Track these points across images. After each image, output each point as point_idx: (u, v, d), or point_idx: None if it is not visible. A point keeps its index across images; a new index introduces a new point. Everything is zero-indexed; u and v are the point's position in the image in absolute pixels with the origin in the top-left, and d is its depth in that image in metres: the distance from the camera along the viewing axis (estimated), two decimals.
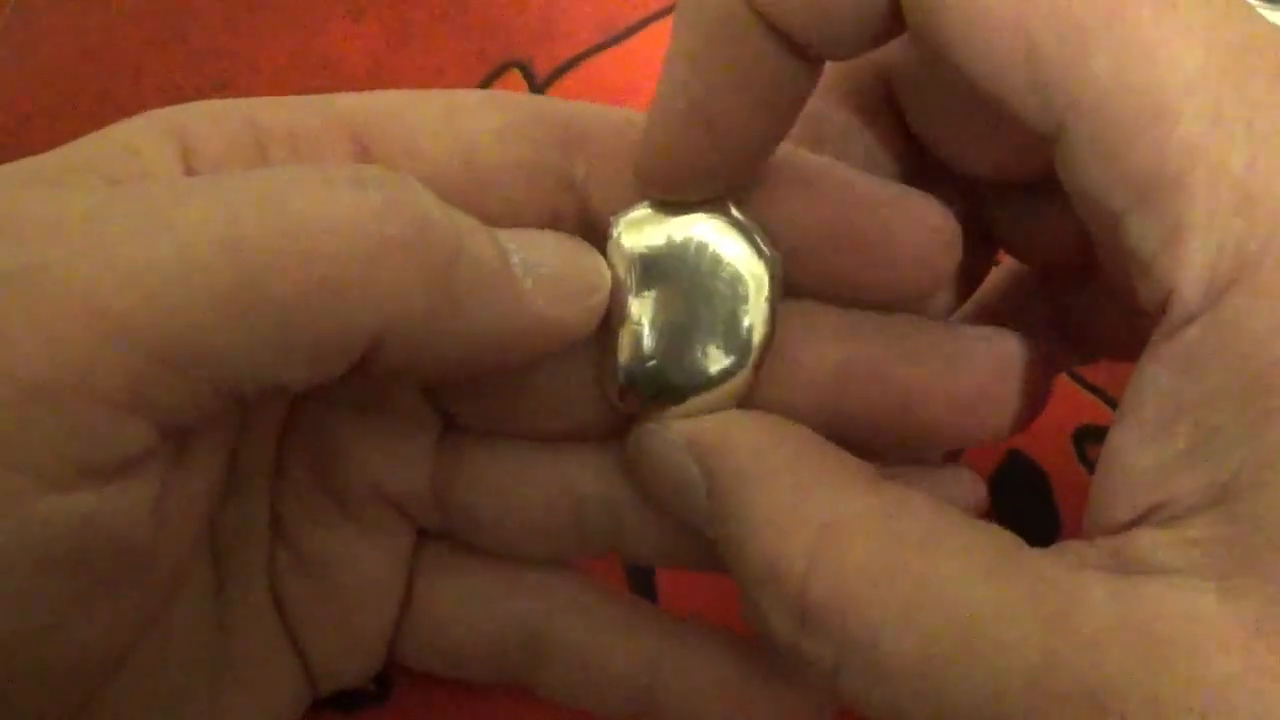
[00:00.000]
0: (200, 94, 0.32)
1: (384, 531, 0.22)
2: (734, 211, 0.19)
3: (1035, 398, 0.20)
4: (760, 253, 0.19)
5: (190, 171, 0.18)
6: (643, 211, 0.19)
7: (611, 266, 0.20)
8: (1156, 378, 0.16)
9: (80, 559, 0.16)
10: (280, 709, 0.22)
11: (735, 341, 0.19)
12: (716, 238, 0.19)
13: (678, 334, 0.20)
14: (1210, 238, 0.15)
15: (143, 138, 0.18)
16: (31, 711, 0.17)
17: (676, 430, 0.19)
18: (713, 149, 0.18)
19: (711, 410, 0.20)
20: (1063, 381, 0.29)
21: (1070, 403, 0.29)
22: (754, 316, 0.19)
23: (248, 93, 0.32)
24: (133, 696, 0.19)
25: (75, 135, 0.19)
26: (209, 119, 0.19)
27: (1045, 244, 0.22)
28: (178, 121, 0.19)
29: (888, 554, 0.16)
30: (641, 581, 0.27)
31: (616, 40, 0.34)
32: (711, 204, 0.19)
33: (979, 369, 0.20)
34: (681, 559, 0.22)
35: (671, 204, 0.19)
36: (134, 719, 0.19)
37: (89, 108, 0.32)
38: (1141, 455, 0.16)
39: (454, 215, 0.17)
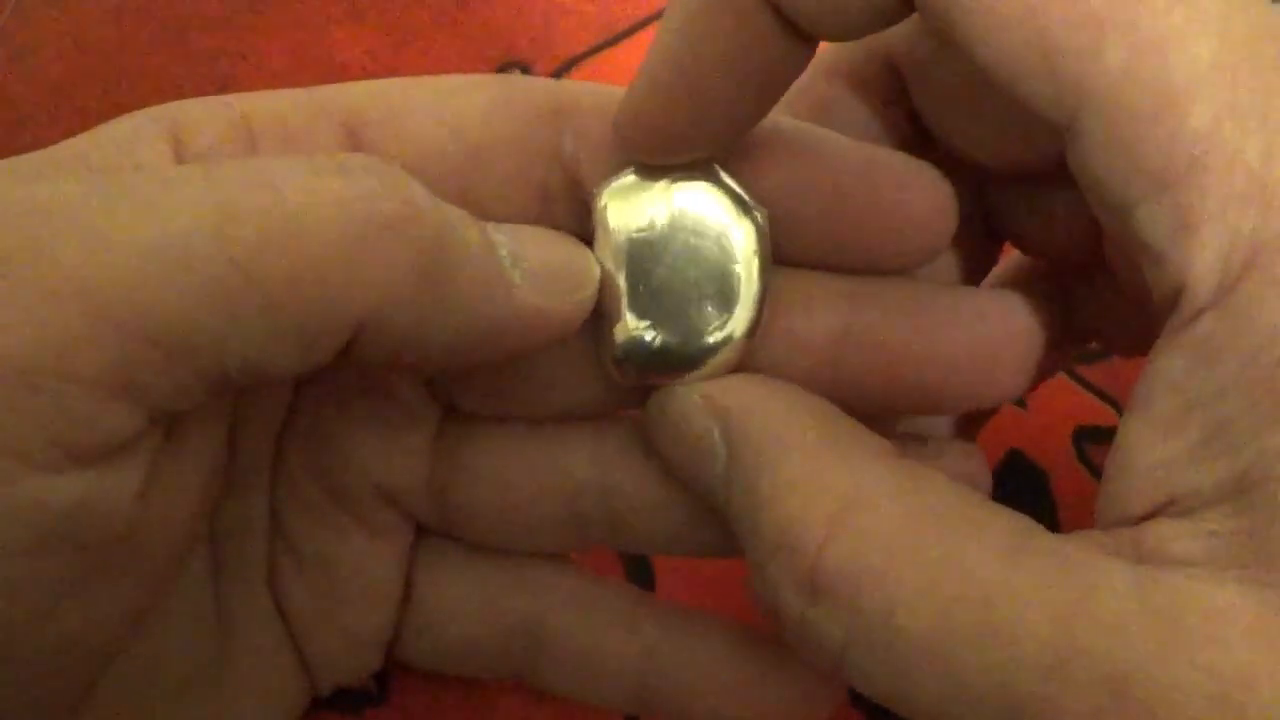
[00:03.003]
0: (201, 94, 0.32)
1: (382, 529, 0.22)
2: (719, 173, 0.19)
3: (1039, 359, 0.20)
4: (746, 213, 0.19)
5: (182, 164, 0.18)
6: (627, 179, 0.19)
7: (597, 236, 0.19)
8: (1168, 370, 0.16)
9: (70, 542, 0.16)
10: (280, 707, 0.22)
11: (728, 303, 0.19)
12: (701, 201, 0.19)
13: (669, 300, 0.19)
14: (1224, 228, 0.15)
15: (134, 132, 0.18)
16: (27, 701, 0.17)
17: (699, 393, 0.19)
18: (696, 120, 0.18)
19: (708, 376, 0.20)
20: (1063, 381, 0.29)
21: (1070, 403, 0.29)
22: (745, 277, 0.19)
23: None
24: (131, 692, 0.19)
25: (74, 135, 0.19)
26: (199, 112, 0.19)
27: (1051, 236, 0.21)
28: (168, 116, 0.19)
29: (908, 528, 0.16)
30: (638, 571, 0.27)
31: (616, 40, 0.34)
32: (696, 166, 0.19)
33: (980, 329, 0.20)
34: (679, 545, 0.21)
35: (656, 169, 0.19)
36: (132, 715, 0.19)
37: (89, 107, 0.32)
38: (1155, 449, 0.16)
39: (441, 204, 0.18)
